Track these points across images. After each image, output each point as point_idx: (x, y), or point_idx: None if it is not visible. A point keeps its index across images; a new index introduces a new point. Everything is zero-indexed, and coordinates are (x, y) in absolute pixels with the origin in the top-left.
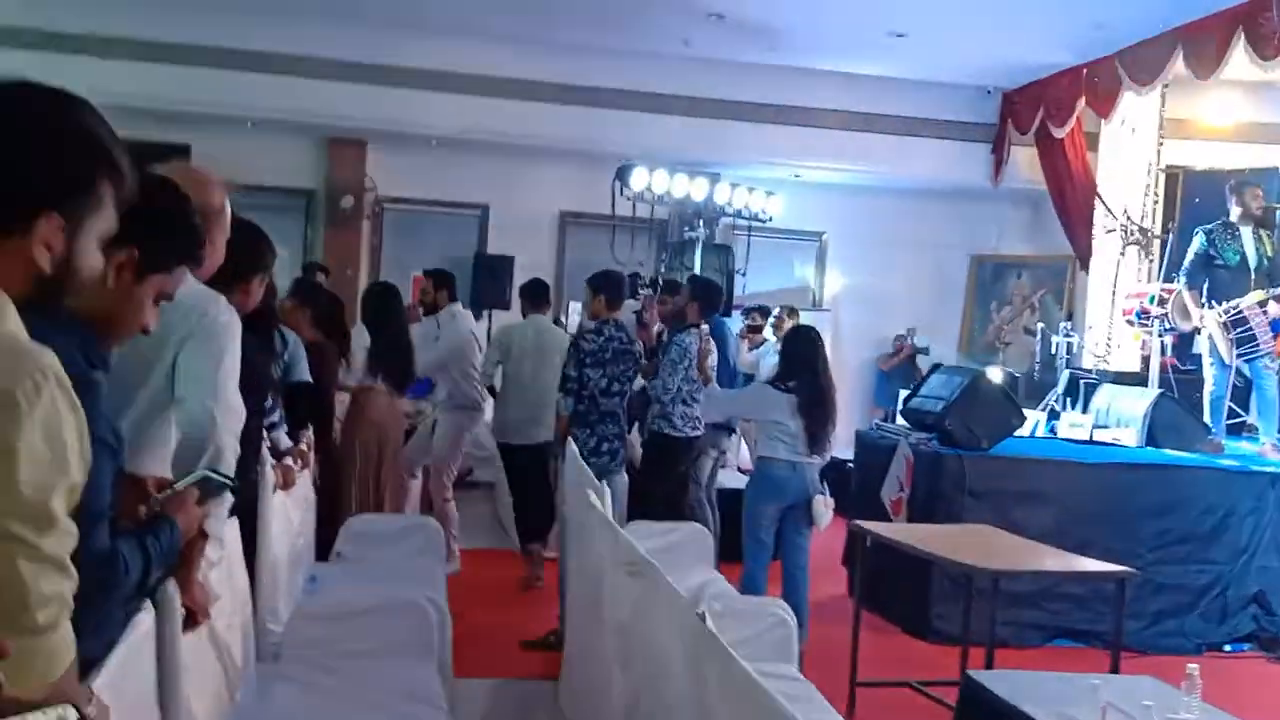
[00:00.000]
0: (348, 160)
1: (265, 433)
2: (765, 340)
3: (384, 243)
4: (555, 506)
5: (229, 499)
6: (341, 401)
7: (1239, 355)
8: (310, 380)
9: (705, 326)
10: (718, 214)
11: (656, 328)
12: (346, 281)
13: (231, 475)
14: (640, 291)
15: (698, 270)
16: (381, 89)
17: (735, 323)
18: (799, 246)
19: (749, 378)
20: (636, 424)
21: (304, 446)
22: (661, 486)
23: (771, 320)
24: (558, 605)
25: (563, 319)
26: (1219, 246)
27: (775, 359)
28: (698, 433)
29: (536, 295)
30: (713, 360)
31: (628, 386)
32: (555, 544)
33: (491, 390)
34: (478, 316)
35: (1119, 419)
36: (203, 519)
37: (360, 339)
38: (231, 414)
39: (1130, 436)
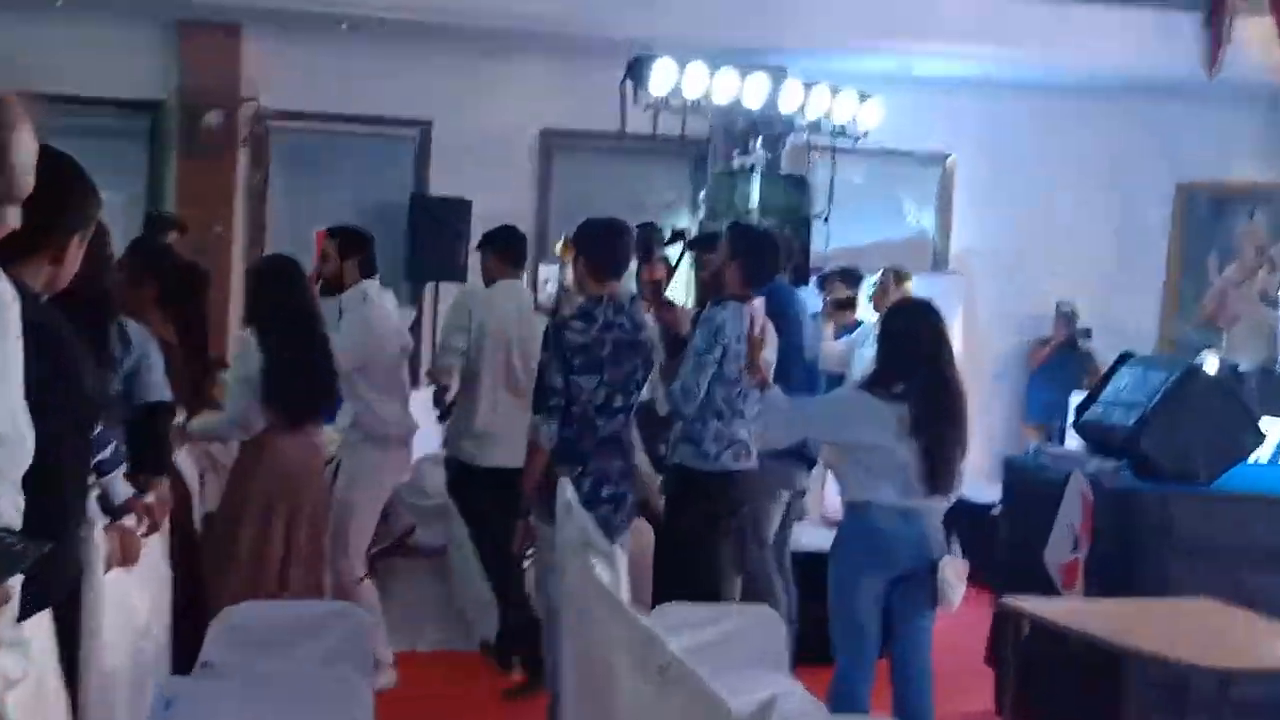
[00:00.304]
0: (211, 56)
1: (93, 478)
2: (860, 322)
3: (271, 183)
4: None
5: (18, 581)
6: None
7: None
8: (169, 400)
9: (757, 301)
10: (784, 129)
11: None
12: (214, 244)
13: (15, 538)
14: (655, 254)
15: (756, 214)
16: None
17: (813, 296)
18: (911, 178)
19: (837, 380)
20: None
21: (152, 499)
22: (697, 549)
23: (870, 289)
24: None
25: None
26: None
27: (874, 350)
28: (743, 464)
29: (509, 248)
30: (771, 353)
31: (635, 398)
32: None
33: (439, 398)
34: (416, 293)
35: None
36: None
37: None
38: (7, 446)
39: None
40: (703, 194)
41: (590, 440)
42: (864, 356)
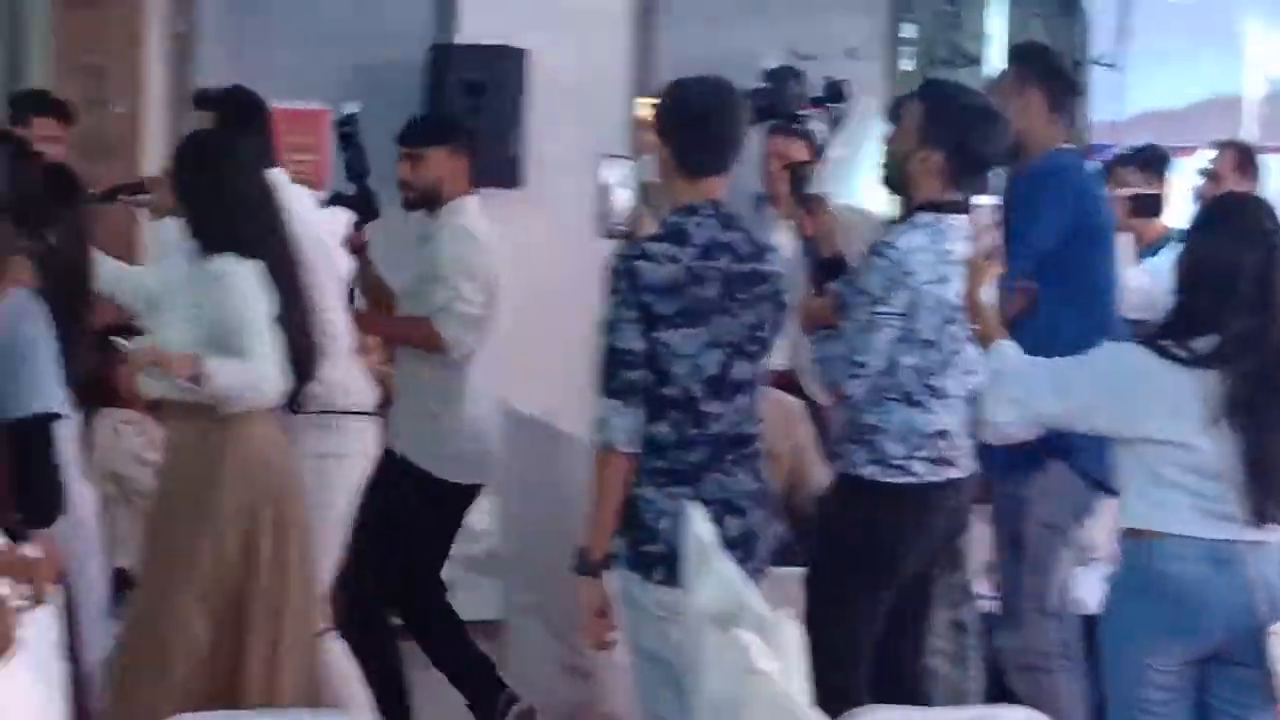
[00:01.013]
0: None
1: None
2: (1168, 235)
3: (199, 31)
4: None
5: None
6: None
7: None
8: (55, 409)
9: (984, 201)
10: None
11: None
12: (113, 132)
13: None
14: (813, 122)
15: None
16: None
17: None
18: None
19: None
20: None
21: (38, 553)
22: (848, 605)
23: (1195, 182)
24: None
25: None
26: None
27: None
28: (946, 473)
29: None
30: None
31: (763, 365)
32: None
33: None
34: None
35: None
36: None
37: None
38: None
39: None
40: (910, 30)
41: (699, 440)
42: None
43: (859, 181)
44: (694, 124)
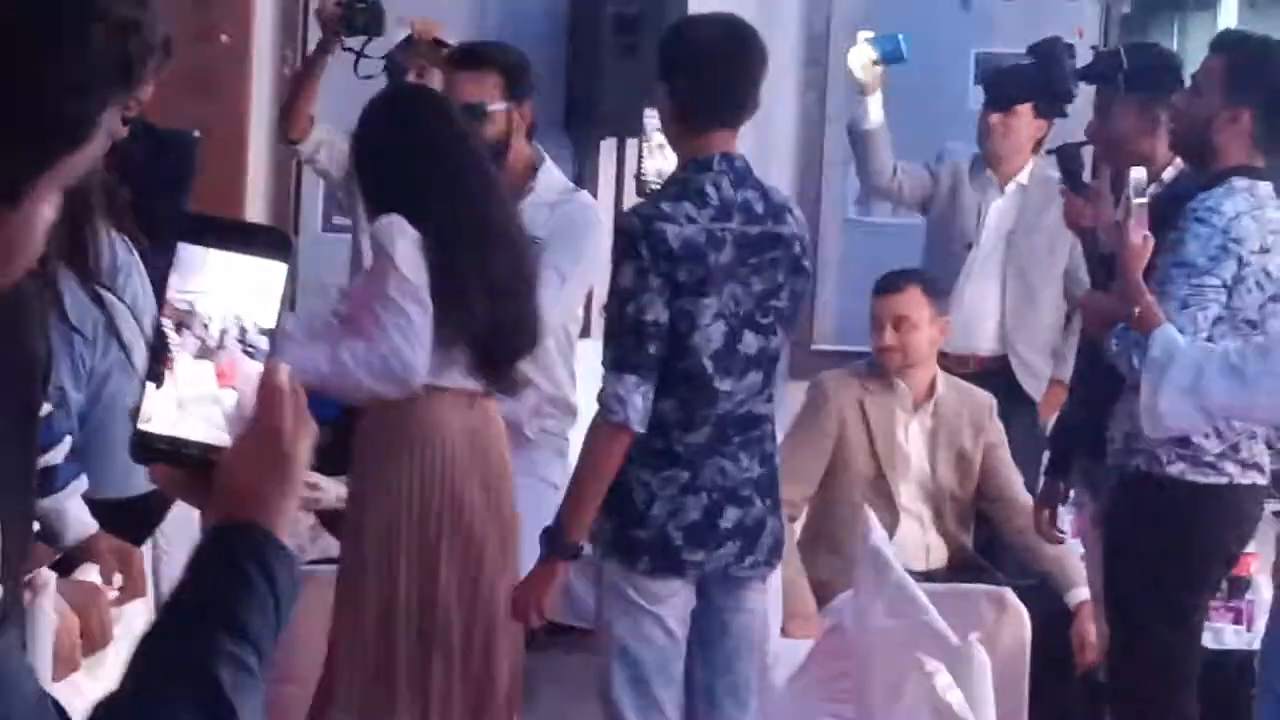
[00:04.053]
0: None
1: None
2: None
3: None
4: None
5: None
6: None
7: None
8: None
9: (1136, 173)
10: None
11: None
12: (221, 66)
13: None
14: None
15: None
16: None
17: None
18: None
19: None
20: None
21: (132, 553)
22: (1173, 628)
23: None
24: None
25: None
26: None
27: None
28: (1253, 478)
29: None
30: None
31: (778, 341)
32: None
33: None
34: (580, 159)
35: None
36: None
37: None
38: None
39: None
40: None
41: (707, 420)
42: None
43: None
44: (702, 69)
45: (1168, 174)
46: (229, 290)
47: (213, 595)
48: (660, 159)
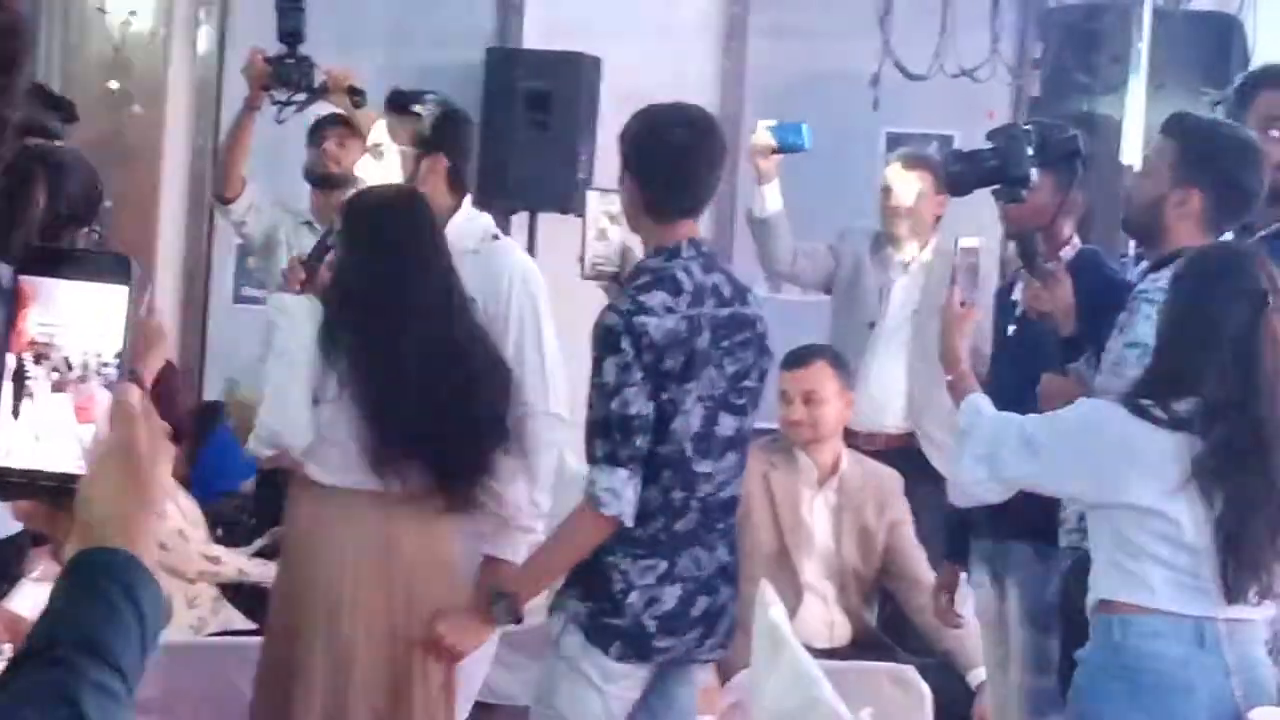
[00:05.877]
0: None
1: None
2: None
3: (228, 35)
4: None
5: None
6: None
7: None
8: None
9: (967, 243)
10: None
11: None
12: (132, 133)
13: None
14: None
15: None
16: None
17: None
18: None
19: None
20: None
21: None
22: None
23: None
24: None
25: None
26: None
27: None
28: None
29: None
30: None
31: (749, 423)
32: None
33: None
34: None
35: None
36: None
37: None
38: None
39: None
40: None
41: (688, 505)
42: None
43: None
44: (670, 164)
45: (1066, 252)
46: (82, 321)
47: (76, 622)
48: (603, 246)
